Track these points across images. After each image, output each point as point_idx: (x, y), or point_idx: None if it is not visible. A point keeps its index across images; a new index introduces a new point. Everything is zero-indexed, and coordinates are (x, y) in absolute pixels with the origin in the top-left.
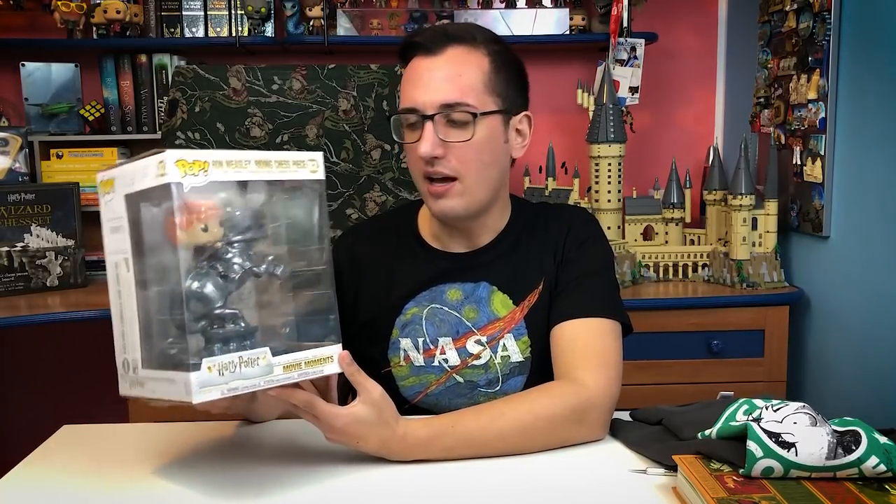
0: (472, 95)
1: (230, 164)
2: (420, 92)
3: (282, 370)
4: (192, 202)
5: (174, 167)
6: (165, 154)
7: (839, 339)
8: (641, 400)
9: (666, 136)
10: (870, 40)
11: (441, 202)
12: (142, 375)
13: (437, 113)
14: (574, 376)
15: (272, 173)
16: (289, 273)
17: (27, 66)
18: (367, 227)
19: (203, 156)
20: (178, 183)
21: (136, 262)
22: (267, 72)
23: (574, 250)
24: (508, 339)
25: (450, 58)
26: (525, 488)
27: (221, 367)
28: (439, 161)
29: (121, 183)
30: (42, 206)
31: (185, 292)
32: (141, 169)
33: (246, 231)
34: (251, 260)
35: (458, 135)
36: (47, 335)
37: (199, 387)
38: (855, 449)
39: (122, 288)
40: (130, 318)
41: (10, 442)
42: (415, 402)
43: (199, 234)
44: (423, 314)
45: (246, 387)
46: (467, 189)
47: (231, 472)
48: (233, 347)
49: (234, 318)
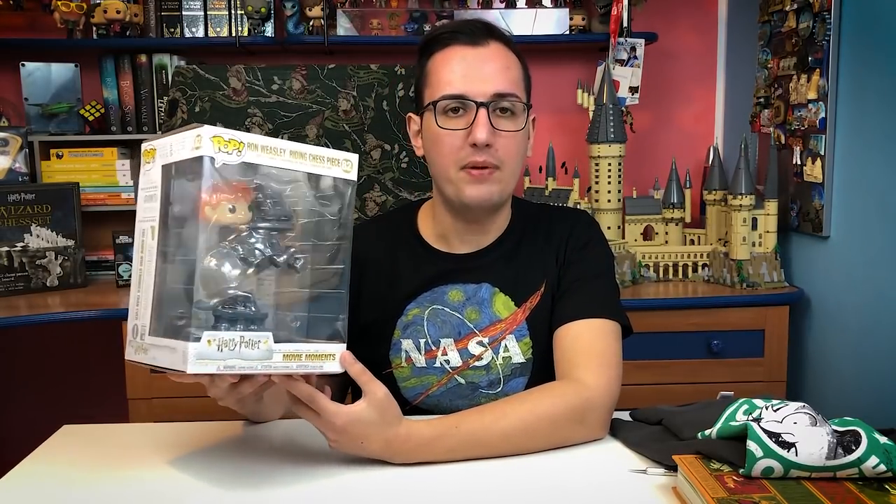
0: (518, 89)
1: (265, 149)
2: (470, 80)
3: (281, 358)
4: (223, 181)
5: (209, 142)
6: (203, 129)
7: (839, 339)
8: (641, 400)
9: (666, 136)
10: (870, 40)
11: (480, 187)
12: (147, 342)
13: (491, 102)
14: (575, 376)
15: (305, 165)
16: (307, 268)
17: (27, 66)
18: (367, 227)
19: (239, 136)
20: (211, 157)
21: (161, 231)
22: (267, 72)
23: (575, 253)
24: (510, 340)
25: (495, 51)
26: (525, 488)
27: (221, 342)
28: (488, 149)
29: (161, 153)
30: (42, 206)
31: (201, 267)
32: (179, 141)
33: (273, 220)
34: (273, 248)
35: (508, 125)
36: (47, 335)
37: (196, 358)
38: (855, 449)
39: (144, 254)
40: (147, 285)
41: (10, 442)
42: (416, 404)
43: (226, 214)
44: (424, 315)
45: (243, 367)
46: (504, 178)
47: (231, 471)
48: (238, 328)
49: (245, 301)
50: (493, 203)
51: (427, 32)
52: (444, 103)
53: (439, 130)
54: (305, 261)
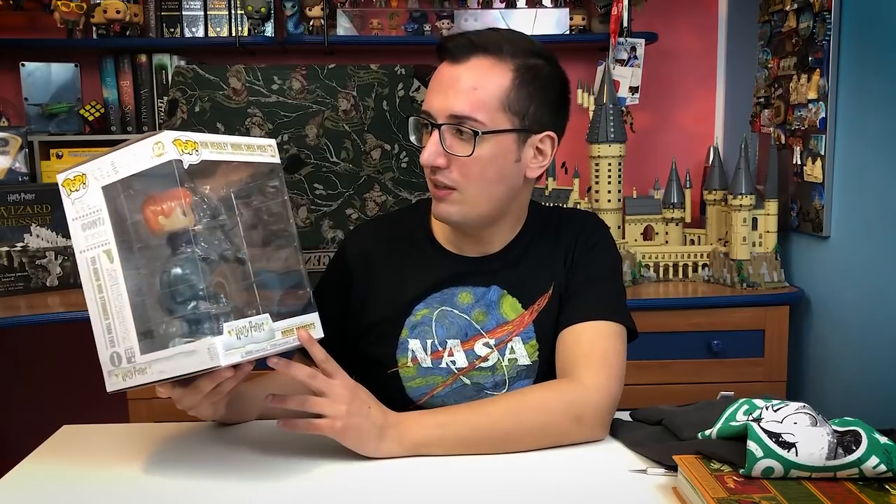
0: (482, 111)
1: (213, 145)
2: (436, 98)
3: (280, 335)
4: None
5: (173, 146)
6: (161, 135)
7: (839, 339)
8: (641, 400)
9: (666, 136)
10: (870, 40)
11: (440, 206)
12: (142, 361)
13: (446, 123)
14: (573, 375)
15: (243, 156)
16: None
17: (27, 66)
18: (378, 225)
19: (193, 137)
20: (178, 160)
21: (122, 250)
22: (267, 72)
23: (583, 255)
24: (516, 342)
25: (471, 68)
26: (525, 488)
27: (239, 330)
28: (440, 170)
29: (96, 176)
30: (42, 206)
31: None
32: (129, 155)
33: (223, 214)
34: (229, 242)
35: (461, 148)
36: (47, 335)
37: (225, 349)
38: (855, 449)
39: (103, 281)
40: (119, 309)
41: (10, 442)
42: (420, 404)
43: (180, 218)
44: (433, 316)
45: (258, 351)
46: (467, 200)
47: (231, 471)
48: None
49: (217, 297)
50: (458, 223)
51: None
52: (413, 119)
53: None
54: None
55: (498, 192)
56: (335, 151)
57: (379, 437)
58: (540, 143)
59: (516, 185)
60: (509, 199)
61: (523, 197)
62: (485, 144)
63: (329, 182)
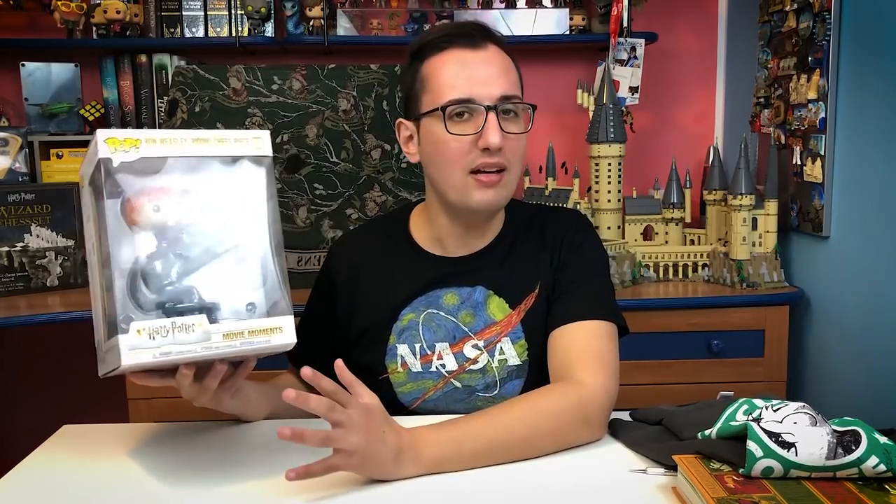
0: (519, 90)
1: (164, 141)
2: (476, 83)
3: (221, 338)
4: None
5: (104, 144)
6: (97, 133)
7: (839, 339)
8: (641, 400)
9: (666, 136)
10: (870, 40)
11: (489, 192)
12: (104, 350)
13: (497, 105)
14: (572, 377)
15: (210, 149)
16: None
17: (27, 66)
18: (360, 233)
19: (135, 133)
20: (108, 158)
21: (97, 245)
22: (267, 72)
23: (570, 254)
24: (505, 342)
25: (495, 52)
26: (525, 488)
27: (152, 330)
28: (500, 152)
29: (85, 174)
30: (42, 206)
31: (139, 269)
32: (89, 157)
33: (204, 211)
34: (210, 239)
35: (514, 127)
36: (47, 335)
37: (129, 349)
38: (855, 449)
39: (90, 272)
40: (95, 300)
41: (10, 442)
42: (413, 408)
43: (151, 215)
44: (419, 320)
45: (181, 352)
46: (510, 181)
47: (231, 471)
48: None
49: (189, 294)
50: (499, 208)
51: (419, 37)
52: (452, 108)
53: (446, 136)
54: (241, 244)
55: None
56: (335, 151)
57: (396, 461)
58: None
59: None
60: None
61: None
62: (528, 122)
63: (329, 182)
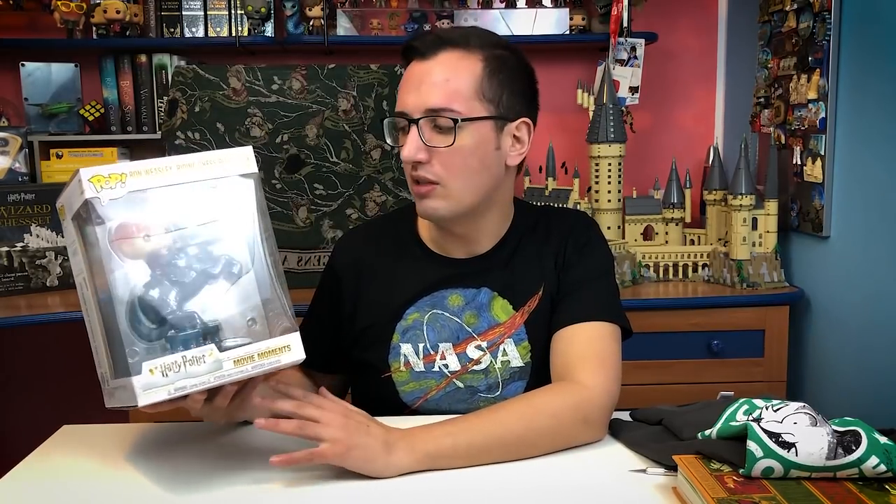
0: (458, 101)
1: (149, 172)
2: (409, 96)
3: (232, 364)
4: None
5: (89, 184)
6: (80, 172)
7: (839, 339)
8: (641, 400)
9: (666, 136)
10: (870, 40)
11: (424, 203)
12: (112, 386)
13: (423, 117)
14: (573, 377)
15: (196, 174)
16: (246, 269)
17: (27, 66)
18: (366, 230)
19: (119, 168)
20: (96, 198)
21: (90, 279)
22: (267, 72)
23: (575, 255)
24: (509, 344)
25: (441, 62)
26: (525, 488)
27: (164, 368)
28: (422, 165)
29: (67, 208)
30: (42, 206)
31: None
32: (71, 191)
33: (194, 234)
34: (204, 261)
35: (442, 140)
36: (47, 335)
37: (143, 389)
38: (855, 449)
39: (87, 306)
40: (97, 334)
41: (10, 442)
42: (415, 408)
43: (141, 245)
44: (424, 319)
45: (195, 385)
46: (451, 193)
47: (231, 471)
48: (192, 347)
49: (190, 319)
50: (444, 217)
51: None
52: (388, 121)
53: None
54: (241, 264)
55: (481, 181)
56: (335, 151)
57: (386, 450)
58: (517, 131)
59: (499, 174)
60: (493, 188)
61: (507, 188)
62: (464, 133)
63: (329, 182)
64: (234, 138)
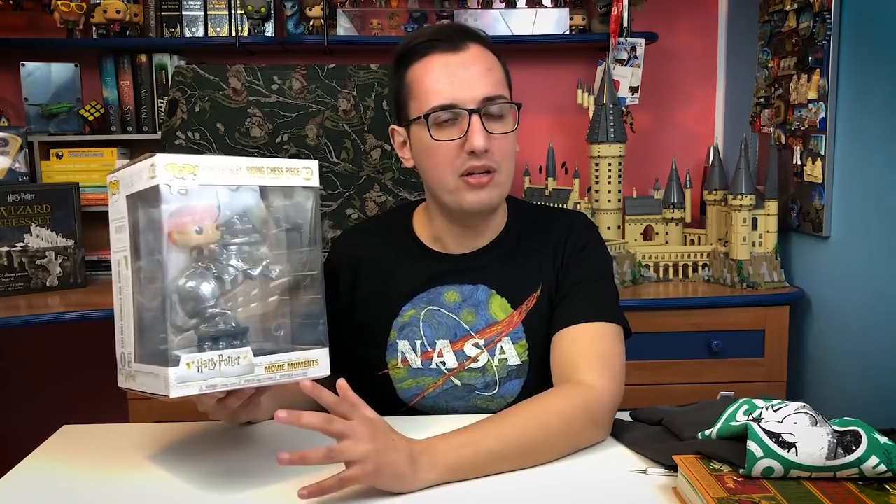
0: (504, 89)
1: (221, 169)
2: (458, 87)
3: (263, 370)
4: (186, 204)
5: (164, 170)
6: (156, 157)
7: (839, 339)
8: (641, 400)
9: (666, 136)
10: (870, 40)
11: (481, 193)
12: (134, 369)
13: (481, 107)
14: (578, 379)
15: (264, 179)
16: (284, 276)
17: (27, 66)
18: (363, 228)
19: (193, 160)
20: (167, 185)
21: (133, 260)
22: (267, 72)
23: (574, 256)
24: (506, 342)
25: (476, 53)
26: (525, 488)
27: (201, 363)
28: (486, 154)
29: (124, 184)
30: (42, 206)
31: (176, 290)
32: (138, 171)
33: (243, 234)
34: (247, 262)
35: (500, 127)
36: (47, 335)
37: (177, 382)
38: (855, 449)
39: (122, 284)
40: (128, 314)
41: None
42: (412, 405)
43: (193, 236)
44: (420, 316)
45: (225, 384)
46: (502, 180)
47: (231, 471)
48: (221, 346)
49: (224, 317)
50: (493, 207)
51: (401, 43)
52: (436, 115)
53: (433, 142)
54: (280, 271)
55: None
56: (335, 151)
57: (412, 465)
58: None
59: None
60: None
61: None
62: (510, 120)
63: (329, 182)
64: (234, 138)
